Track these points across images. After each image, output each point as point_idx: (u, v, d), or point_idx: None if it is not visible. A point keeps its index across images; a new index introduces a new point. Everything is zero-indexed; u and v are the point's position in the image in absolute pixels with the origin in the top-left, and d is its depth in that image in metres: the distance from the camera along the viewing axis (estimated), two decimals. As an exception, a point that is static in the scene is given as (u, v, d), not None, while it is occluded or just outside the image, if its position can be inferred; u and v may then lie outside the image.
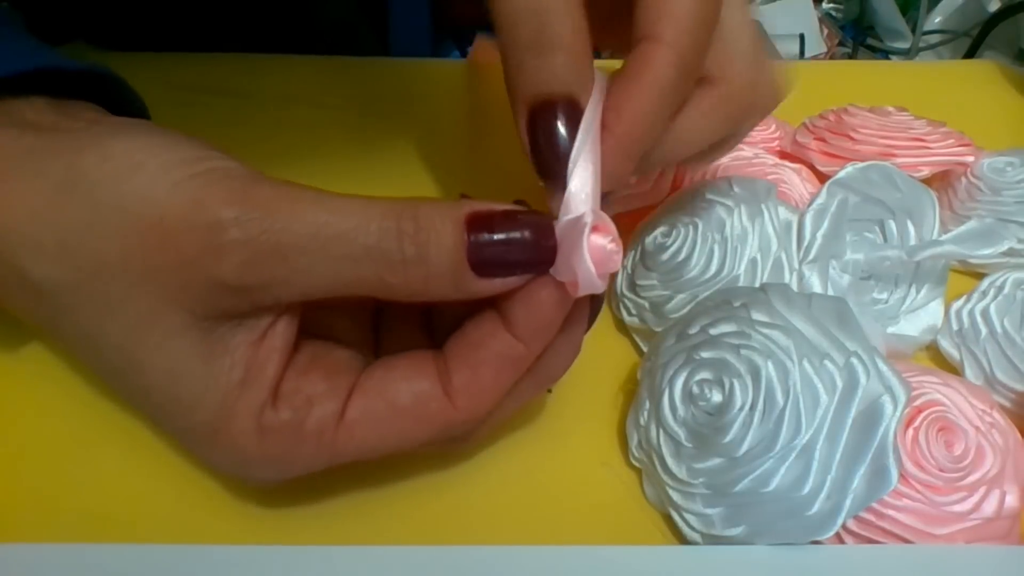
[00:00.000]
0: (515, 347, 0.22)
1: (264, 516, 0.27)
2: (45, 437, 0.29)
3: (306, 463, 0.23)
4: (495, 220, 0.21)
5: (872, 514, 0.25)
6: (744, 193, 0.33)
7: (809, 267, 0.31)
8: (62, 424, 0.29)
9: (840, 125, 0.39)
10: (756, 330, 0.26)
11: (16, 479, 0.28)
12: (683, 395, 0.27)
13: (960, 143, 0.38)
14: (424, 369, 0.23)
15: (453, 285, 0.21)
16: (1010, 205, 0.36)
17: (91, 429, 0.29)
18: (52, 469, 0.28)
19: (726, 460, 0.25)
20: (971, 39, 0.81)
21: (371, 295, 0.21)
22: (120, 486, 0.28)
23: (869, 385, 0.25)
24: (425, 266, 0.21)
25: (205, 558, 0.25)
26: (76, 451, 0.29)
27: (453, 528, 0.27)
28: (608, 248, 0.21)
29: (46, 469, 0.28)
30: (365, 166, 0.41)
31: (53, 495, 0.27)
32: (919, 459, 0.26)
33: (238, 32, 0.48)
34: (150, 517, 0.27)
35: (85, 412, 0.30)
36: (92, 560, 0.24)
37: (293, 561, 0.25)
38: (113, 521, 0.27)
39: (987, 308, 0.32)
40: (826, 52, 1.06)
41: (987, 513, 0.25)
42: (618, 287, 0.34)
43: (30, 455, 0.28)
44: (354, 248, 0.20)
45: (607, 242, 0.21)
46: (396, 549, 0.26)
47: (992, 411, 0.28)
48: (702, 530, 0.26)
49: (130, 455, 0.29)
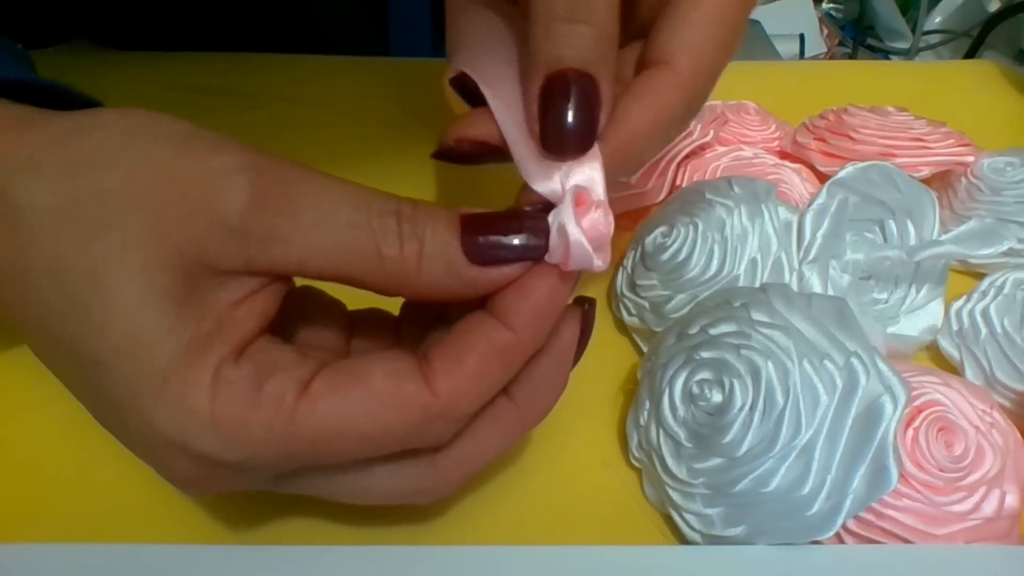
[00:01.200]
0: (503, 333, 0.21)
1: (264, 516, 0.27)
2: (45, 437, 0.29)
3: (256, 440, 0.20)
4: (490, 217, 0.21)
5: (872, 514, 0.25)
6: (744, 193, 0.33)
7: (809, 267, 0.31)
8: (62, 424, 0.29)
9: (840, 125, 0.39)
10: (756, 330, 0.26)
11: (16, 479, 0.28)
12: (683, 395, 0.27)
13: (960, 143, 0.38)
14: (403, 355, 0.22)
15: (445, 266, 0.21)
16: (1010, 205, 0.36)
17: (91, 429, 0.29)
18: (52, 469, 0.28)
19: (726, 460, 0.25)
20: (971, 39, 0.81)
21: (362, 279, 0.21)
22: (120, 486, 0.28)
23: (869, 385, 0.25)
24: (419, 243, 0.21)
25: (205, 558, 0.25)
26: (76, 451, 0.29)
27: (453, 528, 0.27)
28: (594, 216, 0.21)
29: (46, 469, 0.28)
30: (365, 166, 0.41)
31: (53, 495, 0.27)
32: (919, 459, 0.26)
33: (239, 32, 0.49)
34: (150, 517, 0.27)
35: (85, 412, 0.30)
36: (92, 560, 0.24)
37: (293, 561, 0.25)
38: (113, 521, 0.27)
39: (987, 308, 0.32)
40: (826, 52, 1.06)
41: (987, 513, 0.25)
42: (618, 287, 0.34)
43: (30, 455, 0.29)
44: (360, 216, 0.20)
45: (596, 212, 0.21)
46: (396, 549, 0.26)
47: (992, 411, 0.28)
48: (702, 530, 0.26)
49: (130, 455, 0.29)
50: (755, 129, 0.41)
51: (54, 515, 0.27)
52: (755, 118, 0.42)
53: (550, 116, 0.22)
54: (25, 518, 0.27)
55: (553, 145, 0.22)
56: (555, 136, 0.22)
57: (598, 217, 0.21)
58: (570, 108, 0.21)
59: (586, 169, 0.22)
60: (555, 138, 0.22)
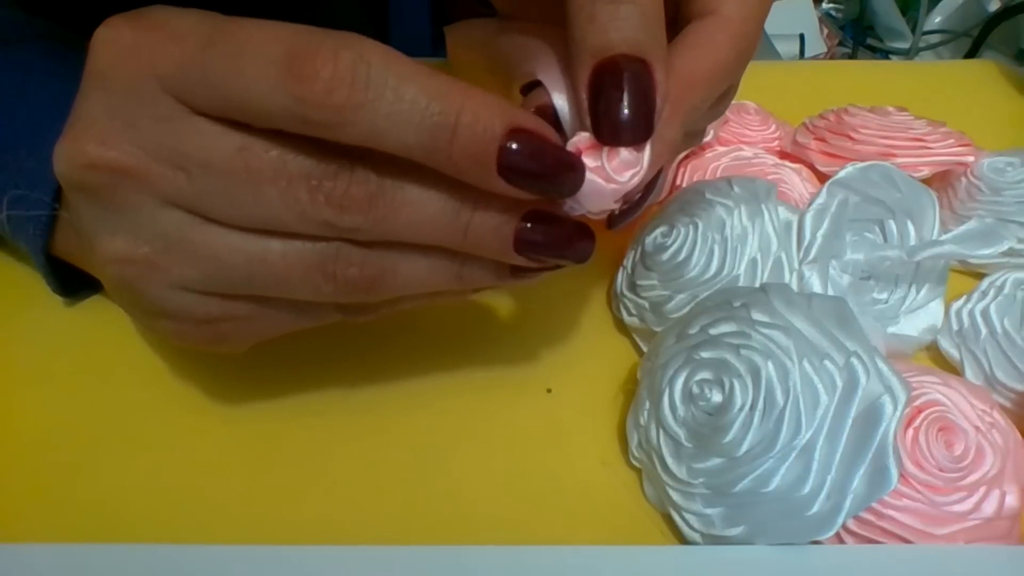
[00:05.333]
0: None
1: (264, 516, 0.27)
2: (45, 437, 0.29)
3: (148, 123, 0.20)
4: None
5: (872, 514, 0.25)
6: (744, 193, 0.33)
7: (809, 267, 0.31)
8: (62, 424, 0.29)
9: (840, 125, 0.39)
10: (756, 330, 0.26)
11: (16, 479, 0.28)
12: (683, 395, 0.27)
13: (960, 143, 0.38)
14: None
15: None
16: (1010, 205, 0.36)
17: (91, 429, 0.29)
18: (52, 469, 0.28)
19: (726, 460, 0.25)
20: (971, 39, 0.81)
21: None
22: (120, 486, 0.28)
23: (869, 385, 0.25)
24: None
25: (205, 558, 0.25)
26: (76, 451, 0.29)
27: (453, 528, 0.27)
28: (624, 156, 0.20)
29: (46, 469, 0.28)
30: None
31: (53, 495, 0.27)
32: (919, 459, 0.26)
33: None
34: (150, 517, 0.27)
35: (85, 412, 0.30)
36: (92, 560, 0.24)
37: (293, 561, 0.25)
38: (113, 521, 0.27)
39: (987, 308, 0.32)
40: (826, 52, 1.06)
41: (987, 513, 0.25)
42: (618, 287, 0.34)
43: (30, 455, 0.29)
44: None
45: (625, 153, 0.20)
46: (396, 549, 0.26)
47: (992, 411, 0.28)
48: (702, 530, 0.26)
49: (131, 455, 0.29)
50: (755, 129, 0.41)
51: (54, 515, 0.27)
52: (755, 118, 0.42)
53: (602, 107, 0.20)
54: (25, 518, 0.27)
55: (608, 138, 0.21)
56: (609, 129, 0.21)
57: (626, 156, 0.20)
58: (624, 98, 0.20)
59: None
60: (609, 130, 0.21)
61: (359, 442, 0.29)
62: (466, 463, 0.29)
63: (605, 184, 0.21)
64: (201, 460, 0.29)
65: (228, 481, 0.28)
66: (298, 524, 0.27)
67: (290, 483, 0.28)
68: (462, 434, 0.30)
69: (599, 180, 0.21)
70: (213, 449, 0.29)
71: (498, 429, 0.30)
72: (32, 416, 0.30)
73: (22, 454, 0.29)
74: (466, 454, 0.29)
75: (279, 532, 0.27)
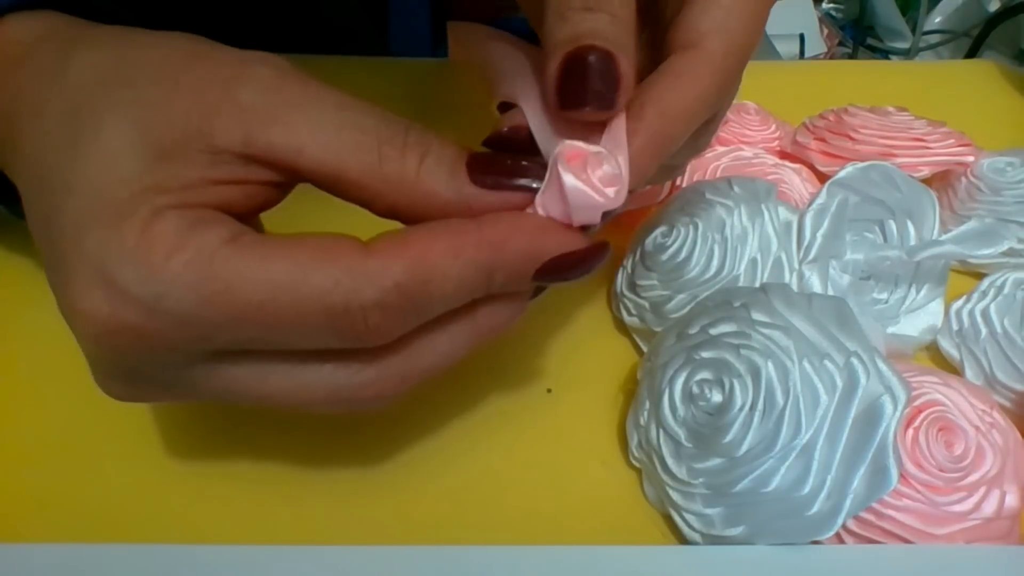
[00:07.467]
0: (460, 218, 0.21)
1: (264, 516, 0.27)
2: (45, 437, 0.29)
3: (169, 275, 0.19)
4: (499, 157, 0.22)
5: (872, 514, 0.25)
6: (744, 193, 0.33)
7: (809, 267, 0.31)
8: (62, 424, 0.29)
9: (840, 125, 0.39)
10: (756, 330, 0.26)
11: (16, 479, 0.28)
12: (683, 395, 0.27)
13: (960, 143, 0.38)
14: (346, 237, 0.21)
15: (446, 176, 0.21)
16: (1010, 205, 0.36)
17: (91, 429, 0.29)
18: (52, 469, 0.28)
19: (726, 460, 0.25)
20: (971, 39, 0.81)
21: (357, 180, 0.20)
22: (120, 486, 0.28)
23: (869, 385, 0.25)
24: (422, 153, 0.21)
25: (205, 558, 0.25)
26: (76, 451, 0.29)
27: (454, 528, 0.27)
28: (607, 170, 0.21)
29: (46, 469, 0.28)
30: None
31: (53, 495, 0.27)
32: (919, 459, 0.26)
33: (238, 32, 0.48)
34: (150, 517, 0.27)
35: (85, 412, 0.30)
36: (92, 560, 0.24)
37: (293, 561, 0.25)
38: (113, 521, 0.27)
39: (987, 308, 0.32)
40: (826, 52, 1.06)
41: (987, 513, 0.25)
42: (618, 287, 0.34)
43: (30, 455, 0.29)
44: (368, 120, 0.21)
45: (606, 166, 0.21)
46: (396, 549, 0.26)
47: (992, 411, 0.28)
48: (702, 530, 0.26)
49: (131, 455, 0.29)
50: (755, 129, 0.41)
51: (54, 515, 0.27)
52: (755, 118, 0.42)
53: (567, 85, 0.21)
54: (25, 518, 0.27)
55: (571, 101, 0.21)
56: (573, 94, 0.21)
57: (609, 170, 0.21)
58: (589, 77, 0.21)
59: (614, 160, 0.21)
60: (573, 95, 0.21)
61: (359, 442, 0.29)
62: (466, 463, 0.29)
63: (596, 197, 0.21)
64: (201, 460, 0.29)
65: (228, 481, 0.28)
66: (298, 524, 0.27)
67: (290, 483, 0.28)
68: (462, 434, 0.30)
69: (591, 193, 0.21)
70: (213, 449, 0.29)
71: (498, 429, 0.30)
72: (32, 416, 0.30)
73: (22, 454, 0.29)
74: (466, 454, 0.29)
75: (279, 532, 0.27)
